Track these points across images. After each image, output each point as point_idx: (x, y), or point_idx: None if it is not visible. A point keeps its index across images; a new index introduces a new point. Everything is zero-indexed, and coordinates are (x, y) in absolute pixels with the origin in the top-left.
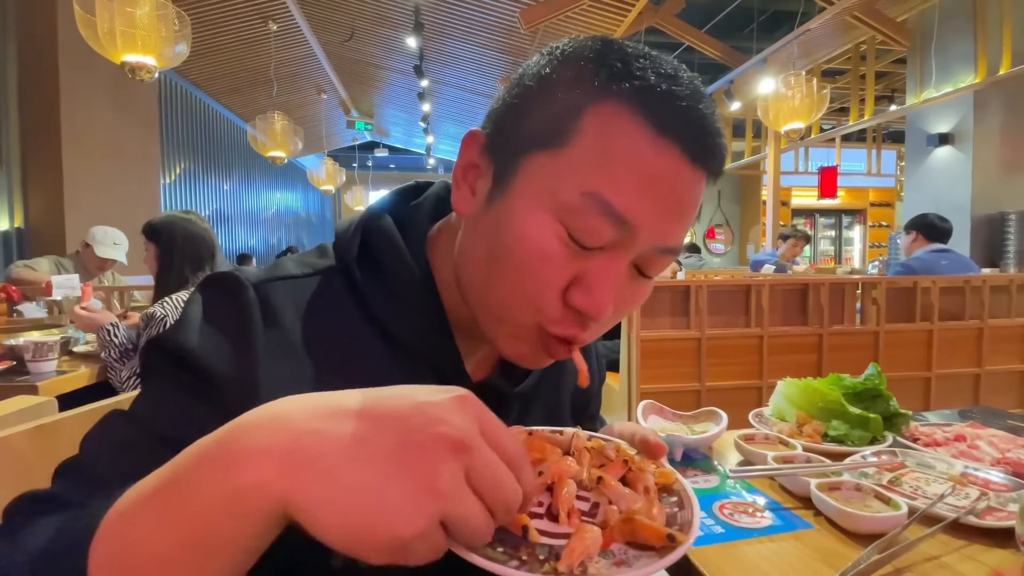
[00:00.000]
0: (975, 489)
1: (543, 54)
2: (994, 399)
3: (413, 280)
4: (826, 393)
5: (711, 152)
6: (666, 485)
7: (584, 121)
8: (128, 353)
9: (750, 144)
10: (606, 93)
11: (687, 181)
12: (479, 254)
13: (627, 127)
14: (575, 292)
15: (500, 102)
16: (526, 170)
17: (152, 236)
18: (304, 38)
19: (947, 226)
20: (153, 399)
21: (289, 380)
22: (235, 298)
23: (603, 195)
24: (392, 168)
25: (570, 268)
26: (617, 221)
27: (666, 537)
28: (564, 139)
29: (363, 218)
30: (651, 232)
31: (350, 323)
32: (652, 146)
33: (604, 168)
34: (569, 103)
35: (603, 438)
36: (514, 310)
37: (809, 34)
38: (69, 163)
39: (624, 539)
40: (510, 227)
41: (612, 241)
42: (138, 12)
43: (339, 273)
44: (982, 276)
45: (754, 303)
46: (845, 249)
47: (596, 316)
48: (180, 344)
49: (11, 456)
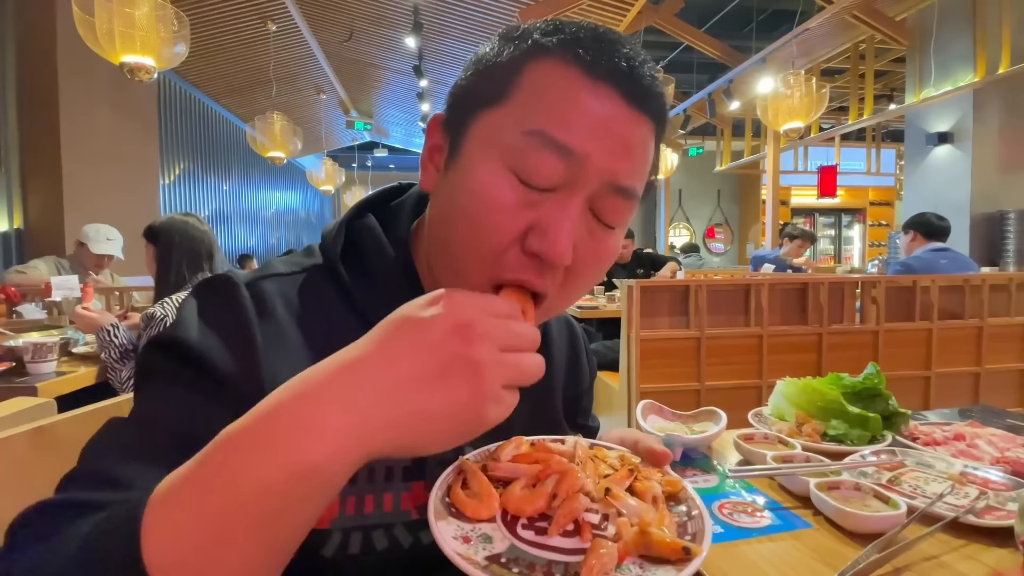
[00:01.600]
0: (974, 488)
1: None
2: (993, 398)
3: (396, 272)
4: (825, 392)
5: (646, 92)
6: (673, 493)
7: (523, 76)
8: (128, 354)
9: (749, 143)
10: (541, 50)
11: (626, 120)
12: (439, 218)
13: (562, 73)
14: (532, 238)
15: (455, 85)
16: (474, 129)
17: (151, 238)
18: (303, 38)
19: (945, 224)
20: (156, 399)
21: (288, 371)
22: (230, 297)
23: (544, 129)
24: (391, 168)
25: (524, 216)
26: (562, 152)
27: (681, 550)
28: (506, 93)
29: (347, 216)
30: (598, 166)
31: (337, 316)
32: (588, 88)
33: (543, 109)
34: (508, 65)
35: (605, 446)
36: (474, 267)
37: (808, 33)
38: (68, 164)
39: (638, 552)
40: (463, 184)
41: (562, 179)
42: (137, 13)
43: (325, 270)
44: (981, 275)
45: (753, 302)
46: (844, 248)
47: (555, 259)
48: (180, 341)
49: (10, 458)
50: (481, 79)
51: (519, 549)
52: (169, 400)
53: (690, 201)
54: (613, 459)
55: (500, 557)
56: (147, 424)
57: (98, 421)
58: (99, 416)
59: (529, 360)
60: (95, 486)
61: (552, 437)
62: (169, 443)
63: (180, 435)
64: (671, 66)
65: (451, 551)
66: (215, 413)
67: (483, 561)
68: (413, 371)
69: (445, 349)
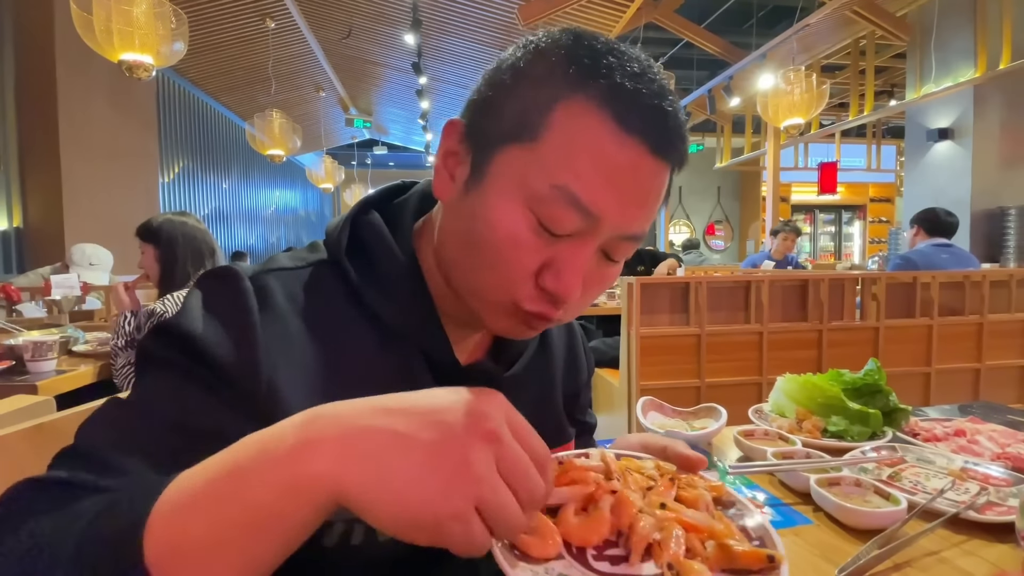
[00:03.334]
0: (975, 484)
1: (518, 47)
2: (994, 394)
3: (401, 269)
4: (826, 389)
5: (673, 146)
6: (718, 497)
7: (553, 116)
8: (132, 343)
9: (749, 140)
10: (574, 89)
11: (649, 173)
12: (457, 238)
13: (593, 123)
14: (546, 275)
15: (477, 93)
16: (499, 162)
17: (150, 238)
18: (302, 35)
19: (952, 221)
20: (156, 387)
21: (287, 364)
22: (233, 288)
23: (570, 188)
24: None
25: (541, 253)
26: (583, 212)
27: (766, 558)
28: (535, 134)
29: (351, 213)
30: (615, 222)
31: (342, 311)
32: (615, 141)
33: (571, 162)
34: (540, 99)
35: (633, 456)
36: (490, 291)
37: (808, 29)
38: (67, 162)
39: (720, 568)
40: (484, 215)
41: (579, 229)
42: (135, 10)
43: (330, 265)
44: (982, 271)
45: (754, 299)
46: (845, 245)
47: (565, 298)
48: (184, 330)
49: (8, 456)
50: (509, 105)
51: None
52: (168, 389)
53: (690, 198)
54: (649, 469)
55: None
56: (145, 411)
57: None
58: None
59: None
60: (91, 468)
61: (575, 452)
62: (166, 432)
63: (177, 425)
64: (671, 62)
65: None
66: (212, 404)
67: None
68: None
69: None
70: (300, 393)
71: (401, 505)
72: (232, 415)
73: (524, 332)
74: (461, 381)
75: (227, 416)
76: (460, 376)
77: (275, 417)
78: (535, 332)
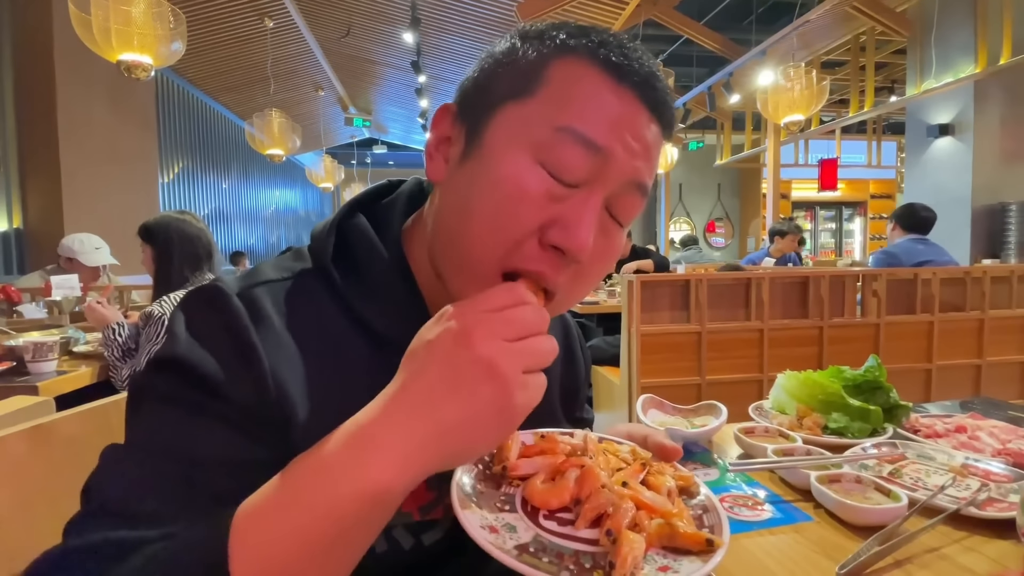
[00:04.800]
0: (976, 480)
1: (509, 35)
2: (995, 390)
3: (390, 272)
4: (826, 385)
5: (662, 101)
6: (685, 488)
7: (550, 72)
8: (130, 352)
9: (749, 137)
10: (567, 49)
11: (645, 124)
12: (453, 209)
13: (589, 74)
14: (554, 232)
15: (468, 77)
16: (498, 121)
17: (148, 238)
18: (301, 34)
19: (927, 216)
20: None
21: (290, 379)
22: (223, 308)
23: (575, 126)
24: (391, 165)
25: (548, 209)
26: (592, 148)
27: (704, 542)
28: (533, 87)
29: (337, 217)
30: (622, 163)
31: (331, 321)
32: (612, 91)
33: (573, 107)
34: (535, 59)
35: (615, 440)
36: (488, 253)
37: (808, 25)
38: (67, 163)
39: (661, 544)
40: (487, 174)
41: (587, 175)
42: (133, 10)
43: (316, 274)
44: (983, 267)
45: (754, 296)
46: (846, 241)
47: (577, 252)
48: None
49: (7, 457)
50: (503, 73)
51: (544, 539)
52: (174, 424)
53: (690, 195)
54: (624, 453)
55: (528, 547)
56: (155, 452)
57: (97, 420)
58: (97, 414)
59: (539, 343)
60: (121, 524)
61: (560, 431)
62: (181, 469)
63: (190, 460)
64: (670, 60)
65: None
66: (223, 433)
67: (513, 551)
68: (436, 386)
69: (455, 358)
70: (303, 401)
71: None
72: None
73: None
74: None
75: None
76: None
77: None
78: None
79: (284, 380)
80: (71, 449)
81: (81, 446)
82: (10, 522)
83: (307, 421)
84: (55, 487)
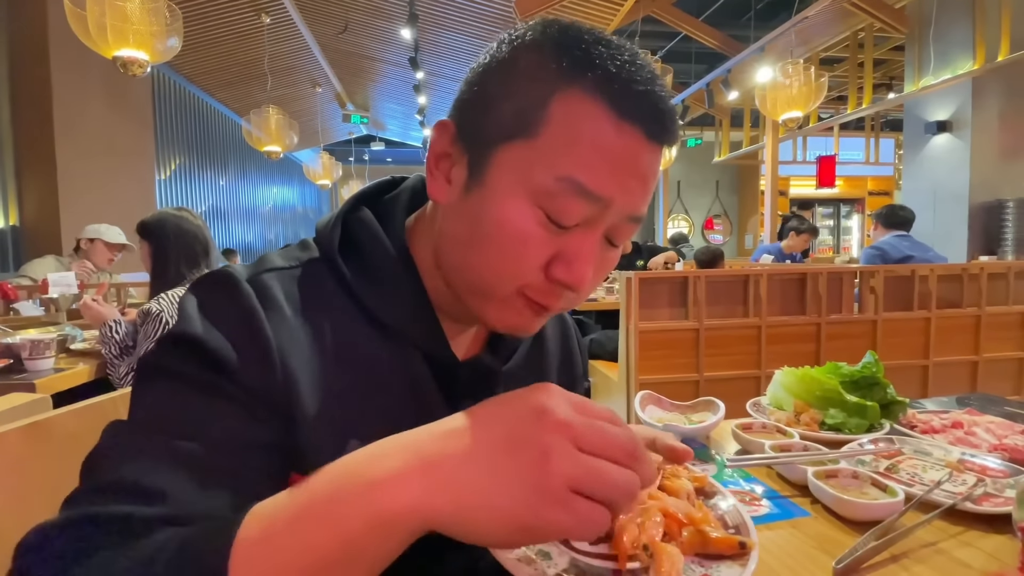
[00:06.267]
0: (972, 475)
1: (502, 41)
2: (991, 386)
3: (395, 266)
4: (823, 382)
5: (667, 129)
6: (700, 488)
7: (551, 111)
8: (128, 350)
9: (748, 134)
10: (569, 82)
11: (647, 157)
12: (460, 238)
13: (591, 113)
14: (556, 267)
15: (466, 92)
16: (500, 161)
17: (145, 234)
18: (298, 30)
19: (906, 214)
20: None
21: (297, 364)
22: (234, 291)
23: (576, 178)
24: (389, 162)
25: (549, 246)
26: (591, 199)
27: (737, 545)
28: (534, 130)
29: (342, 210)
30: (621, 204)
31: (338, 310)
32: (614, 129)
33: (574, 153)
34: (535, 93)
35: None
36: (497, 285)
37: (807, 22)
38: (63, 160)
39: (694, 552)
40: (490, 215)
41: (587, 217)
42: (129, 6)
43: (323, 263)
44: (980, 263)
45: (752, 293)
46: (843, 238)
47: (578, 287)
48: (190, 338)
49: (4, 454)
50: (503, 102)
51: (581, 563)
52: (185, 403)
53: (688, 192)
54: None
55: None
56: (160, 427)
57: (94, 416)
58: (95, 411)
59: (614, 471)
60: (124, 498)
61: None
62: (185, 443)
63: (195, 435)
64: (669, 56)
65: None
66: (234, 414)
67: None
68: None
69: (520, 426)
70: (309, 389)
71: (498, 515)
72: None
73: (531, 324)
74: (459, 376)
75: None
76: (458, 371)
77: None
78: (541, 324)
79: (291, 364)
80: (68, 446)
81: (78, 443)
82: (7, 519)
83: (311, 405)
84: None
